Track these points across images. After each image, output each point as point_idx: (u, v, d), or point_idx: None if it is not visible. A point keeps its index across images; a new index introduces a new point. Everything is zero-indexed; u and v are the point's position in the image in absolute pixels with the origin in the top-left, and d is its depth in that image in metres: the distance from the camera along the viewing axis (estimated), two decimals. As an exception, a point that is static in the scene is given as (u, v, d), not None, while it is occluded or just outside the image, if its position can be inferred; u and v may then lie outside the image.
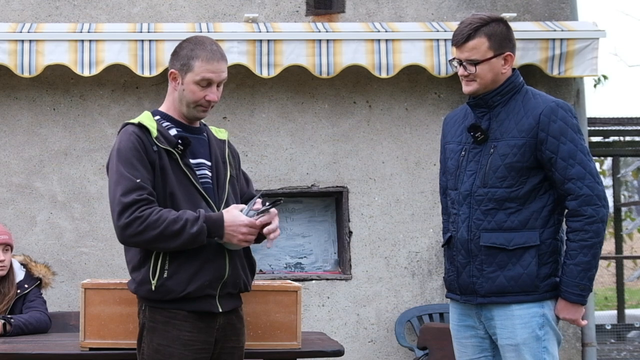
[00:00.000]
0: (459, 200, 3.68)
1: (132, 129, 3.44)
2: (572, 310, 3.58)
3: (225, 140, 3.67)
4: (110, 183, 3.43)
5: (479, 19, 3.61)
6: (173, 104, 3.53)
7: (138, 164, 3.37)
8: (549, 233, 3.59)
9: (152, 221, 3.29)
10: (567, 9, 6.64)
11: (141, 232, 3.30)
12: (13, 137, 6.29)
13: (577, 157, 3.54)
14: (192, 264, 3.38)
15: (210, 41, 3.50)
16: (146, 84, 6.30)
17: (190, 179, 3.44)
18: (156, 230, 3.29)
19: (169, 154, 3.42)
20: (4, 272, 5.07)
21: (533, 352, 3.58)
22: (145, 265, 3.39)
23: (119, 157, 3.40)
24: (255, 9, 6.46)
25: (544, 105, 3.58)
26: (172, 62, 3.53)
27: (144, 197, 3.33)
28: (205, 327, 3.43)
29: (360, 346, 6.40)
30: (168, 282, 3.37)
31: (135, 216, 3.30)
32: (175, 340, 3.39)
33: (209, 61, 3.44)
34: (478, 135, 3.65)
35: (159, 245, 3.34)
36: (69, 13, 6.38)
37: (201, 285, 3.38)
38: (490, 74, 3.62)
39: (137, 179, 3.34)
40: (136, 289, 3.44)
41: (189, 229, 3.31)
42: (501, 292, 3.59)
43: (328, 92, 6.46)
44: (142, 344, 3.45)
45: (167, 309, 3.40)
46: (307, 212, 6.62)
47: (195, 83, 3.45)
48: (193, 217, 3.33)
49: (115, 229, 3.36)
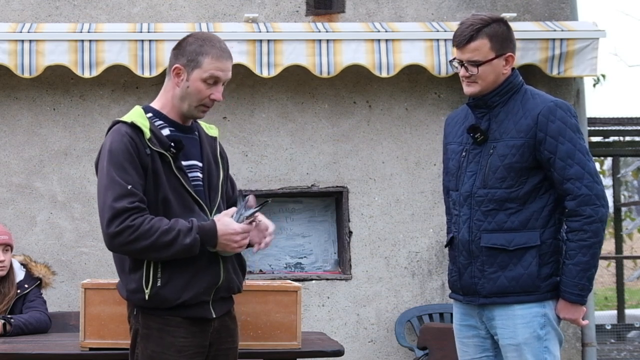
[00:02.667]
0: (460, 201, 3.68)
1: (125, 130, 3.29)
2: (571, 310, 3.58)
3: (216, 137, 3.57)
4: (100, 186, 3.29)
5: (480, 19, 3.60)
6: (171, 101, 3.39)
7: (130, 168, 3.24)
8: (549, 233, 3.59)
9: (143, 231, 3.19)
10: (567, 9, 6.64)
11: (132, 242, 3.20)
12: (13, 137, 6.29)
13: (575, 157, 3.53)
14: (186, 271, 3.30)
15: (218, 39, 3.40)
16: (146, 84, 6.29)
17: (183, 183, 3.34)
18: (147, 240, 3.19)
19: (162, 156, 3.31)
20: (4, 272, 5.07)
21: (534, 352, 3.58)
22: (137, 272, 3.29)
23: (110, 159, 3.27)
24: (255, 9, 6.45)
25: (542, 105, 3.58)
26: (176, 57, 3.37)
27: (136, 205, 3.21)
28: (199, 331, 3.37)
29: (360, 346, 6.40)
30: (162, 290, 3.28)
31: (127, 225, 3.19)
32: (170, 346, 3.32)
33: (219, 59, 3.34)
34: (477, 136, 3.65)
35: (149, 255, 3.25)
36: (69, 13, 6.38)
37: (196, 293, 3.32)
38: (492, 75, 3.61)
39: (128, 185, 3.22)
40: (128, 297, 3.35)
41: (182, 240, 3.22)
42: (502, 293, 3.59)
43: (328, 92, 6.46)
44: (136, 350, 3.38)
45: (162, 315, 3.32)
46: (307, 212, 6.62)
47: (202, 80, 3.33)
48: (186, 228, 3.23)
49: (104, 235, 3.24)
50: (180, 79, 3.36)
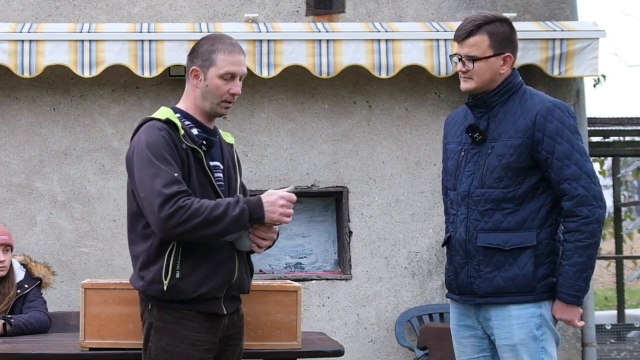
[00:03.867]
0: (458, 200, 3.68)
1: (160, 125, 3.41)
2: (567, 310, 3.58)
3: (232, 144, 3.70)
4: (144, 176, 3.34)
5: (483, 16, 3.61)
6: (194, 102, 3.52)
7: (171, 159, 3.34)
8: (546, 233, 3.59)
9: (194, 209, 3.27)
10: (567, 9, 6.64)
11: (185, 221, 3.27)
12: (13, 137, 6.29)
13: (572, 157, 3.53)
14: (204, 266, 3.39)
15: (228, 36, 3.53)
16: (146, 84, 6.30)
17: (212, 181, 3.46)
18: (200, 217, 3.27)
19: (194, 153, 3.43)
20: (4, 273, 5.07)
21: (530, 353, 3.58)
22: (157, 263, 3.37)
23: (151, 151, 3.35)
24: (255, 9, 6.46)
25: (540, 106, 3.58)
26: (191, 60, 3.51)
27: (184, 189, 3.31)
28: (211, 327, 3.46)
29: (360, 346, 6.40)
30: (180, 283, 3.36)
31: (179, 205, 3.26)
32: (184, 339, 3.41)
33: (231, 53, 3.46)
34: (476, 135, 3.65)
35: (201, 233, 3.31)
36: (69, 13, 6.38)
37: (212, 287, 3.40)
38: (488, 73, 3.61)
39: (175, 173, 3.32)
40: (144, 287, 3.41)
41: (231, 212, 3.30)
42: (498, 293, 3.59)
43: (328, 92, 6.46)
44: (149, 344, 3.45)
45: (177, 309, 3.41)
46: (307, 212, 6.62)
47: (219, 77, 3.45)
48: (234, 201, 3.34)
49: (156, 221, 3.29)
50: (198, 80, 3.49)
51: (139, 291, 3.48)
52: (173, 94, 6.31)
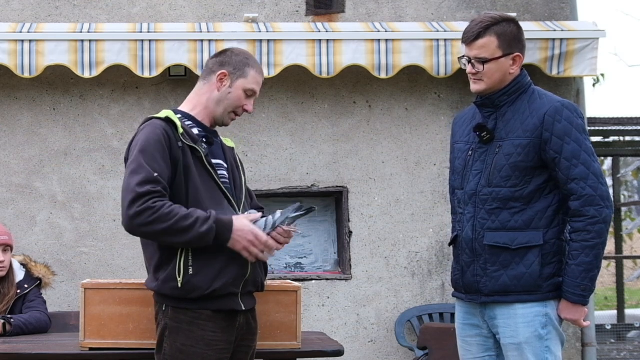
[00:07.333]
0: (465, 199, 3.69)
1: (160, 123, 3.45)
2: (573, 310, 3.59)
3: (233, 148, 3.75)
4: (126, 171, 3.42)
5: (490, 17, 3.62)
6: (205, 103, 3.57)
7: (159, 158, 3.37)
8: (553, 233, 3.59)
9: (163, 214, 3.29)
10: (567, 9, 6.64)
11: (150, 223, 3.29)
12: (13, 137, 6.29)
13: (580, 157, 3.54)
14: (217, 261, 3.42)
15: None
16: (146, 84, 6.30)
17: (214, 178, 3.48)
18: (166, 223, 3.29)
19: (193, 151, 3.45)
20: (3, 273, 5.07)
21: (535, 352, 3.58)
22: (171, 263, 3.40)
23: (141, 148, 3.39)
24: (255, 9, 6.46)
25: (549, 106, 3.59)
26: (221, 64, 3.58)
27: (159, 190, 3.33)
28: (227, 326, 3.48)
29: (360, 346, 6.40)
30: (194, 279, 3.39)
31: (148, 206, 3.29)
32: (200, 340, 3.42)
33: (260, 74, 3.64)
34: (484, 135, 3.65)
35: (165, 239, 3.35)
36: (69, 13, 6.38)
37: (226, 282, 3.42)
38: (498, 74, 3.62)
39: (155, 173, 3.34)
40: (159, 287, 3.44)
41: (199, 227, 3.32)
42: (504, 292, 3.60)
43: (328, 92, 6.46)
44: (164, 345, 3.46)
45: (192, 309, 3.43)
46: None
47: (244, 90, 3.57)
48: (204, 216, 3.34)
49: (124, 216, 3.34)
50: (223, 84, 3.56)
51: (154, 292, 3.50)
52: (173, 94, 6.31)
